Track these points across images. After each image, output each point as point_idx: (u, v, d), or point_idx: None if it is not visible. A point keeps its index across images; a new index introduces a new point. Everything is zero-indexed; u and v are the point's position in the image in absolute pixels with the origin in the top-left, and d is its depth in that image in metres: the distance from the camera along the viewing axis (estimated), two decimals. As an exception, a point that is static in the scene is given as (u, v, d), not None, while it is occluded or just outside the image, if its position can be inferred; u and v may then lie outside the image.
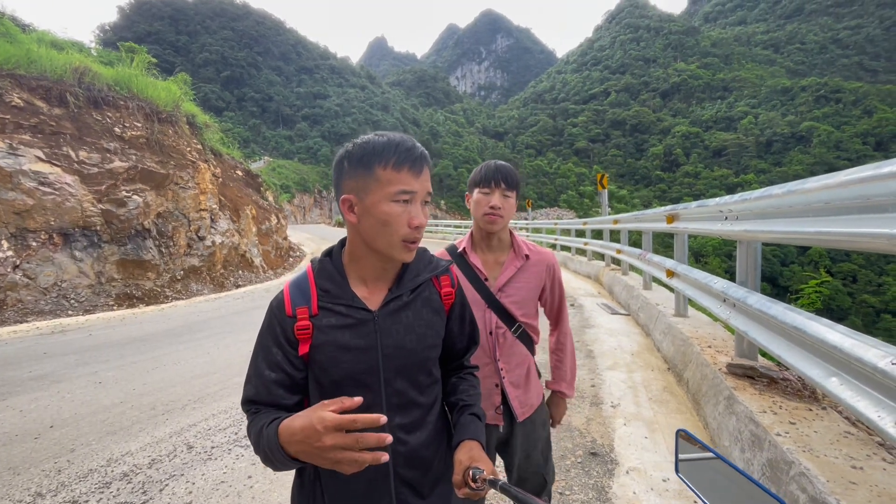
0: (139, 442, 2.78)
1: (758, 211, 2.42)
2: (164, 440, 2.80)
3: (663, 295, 5.90)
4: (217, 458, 2.58)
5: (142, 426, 3.01)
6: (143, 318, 6.77)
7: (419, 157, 0.84)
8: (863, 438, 2.03)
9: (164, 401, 3.44)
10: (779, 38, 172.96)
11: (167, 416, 3.17)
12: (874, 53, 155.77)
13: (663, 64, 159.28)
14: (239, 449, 2.69)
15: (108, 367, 4.30)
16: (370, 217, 0.83)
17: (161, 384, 3.80)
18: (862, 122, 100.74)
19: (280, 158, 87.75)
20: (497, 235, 1.43)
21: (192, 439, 2.81)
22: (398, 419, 0.89)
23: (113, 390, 3.67)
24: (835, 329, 1.66)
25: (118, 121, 8.75)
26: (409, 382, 0.90)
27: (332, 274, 0.91)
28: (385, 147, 0.83)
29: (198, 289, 9.33)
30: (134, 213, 8.36)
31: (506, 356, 1.40)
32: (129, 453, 2.65)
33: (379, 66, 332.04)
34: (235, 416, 3.16)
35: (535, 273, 1.44)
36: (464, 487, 0.82)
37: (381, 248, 0.86)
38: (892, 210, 1.33)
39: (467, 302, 1.04)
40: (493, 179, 1.38)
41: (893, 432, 1.25)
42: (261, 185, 15.75)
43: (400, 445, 0.88)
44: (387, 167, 0.82)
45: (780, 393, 2.58)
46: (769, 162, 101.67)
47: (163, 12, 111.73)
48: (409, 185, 0.83)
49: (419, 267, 0.96)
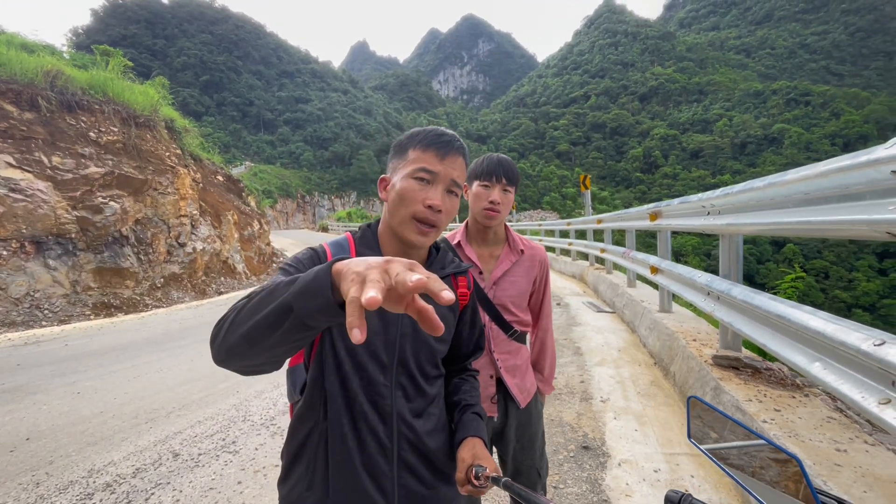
0: (122, 451, 2.69)
1: (740, 204, 2.49)
2: (149, 449, 2.72)
3: (647, 292, 6.00)
4: (204, 465, 2.51)
5: (124, 435, 2.91)
6: (122, 326, 6.58)
7: (448, 142, 0.87)
8: (845, 423, 2.09)
9: (146, 409, 3.34)
10: (750, 43, 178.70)
11: (150, 424, 3.08)
12: (840, 58, 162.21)
13: (641, 68, 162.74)
14: (227, 455, 2.62)
15: (86, 377, 4.15)
16: (393, 192, 0.87)
17: (143, 392, 3.70)
18: (830, 123, 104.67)
19: (262, 163, 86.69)
20: (493, 229, 1.43)
21: (177, 447, 2.73)
22: (404, 402, 0.89)
23: (92, 400, 3.55)
24: (817, 315, 1.71)
25: (93, 125, 8.52)
26: (418, 368, 0.91)
27: (371, 243, 0.93)
28: (421, 131, 0.89)
29: (179, 296, 9.11)
30: (111, 220, 8.13)
31: (500, 347, 1.41)
32: (111, 463, 2.56)
33: (361, 71, 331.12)
34: (222, 421, 3.09)
35: (528, 268, 1.45)
36: (467, 485, 0.82)
37: (396, 226, 0.87)
38: (870, 197, 1.38)
39: (478, 308, 1.06)
40: (494, 174, 1.36)
41: (877, 412, 1.29)
42: (242, 190, 15.51)
43: (406, 428, 0.88)
44: (416, 147, 0.87)
45: (764, 382, 2.65)
46: (744, 163, 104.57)
47: (138, 15, 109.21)
48: (432, 165, 0.85)
49: (444, 261, 0.98)
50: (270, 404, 3.41)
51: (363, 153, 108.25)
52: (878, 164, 1.29)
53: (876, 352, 1.27)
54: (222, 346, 0.67)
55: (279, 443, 2.77)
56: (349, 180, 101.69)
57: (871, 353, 1.29)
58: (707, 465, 2.33)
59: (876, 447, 1.85)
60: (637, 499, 2.08)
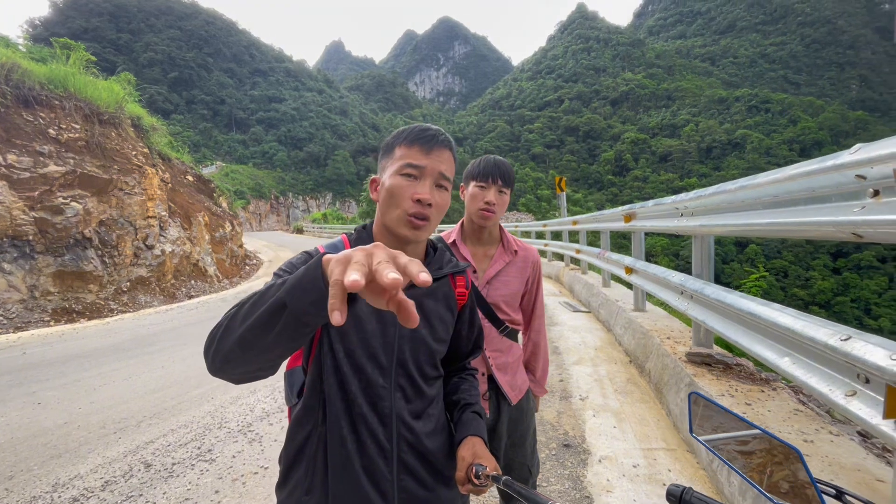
0: (89, 464, 2.57)
1: (712, 206, 2.58)
2: (118, 460, 2.60)
3: (622, 292, 6.15)
4: (179, 475, 2.42)
5: (91, 447, 2.78)
6: (86, 333, 6.27)
7: (433, 136, 0.87)
8: (811, 415, 2.20)
9: (114, 419, 3.20)
10: (714, 52, 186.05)
11: (120, 434, 2.95)
12: (797, 67, 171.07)
13: (612, 73, 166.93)
14: (203, 464, 2.54)
15: (47, 386, 3.94)
16: (383, 191, 0.88)
17: (111, 401, 3.53)
18: (788, 130, 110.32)
19: (233, 163, 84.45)
20: (488, 229, 1.46)
21: (149, 457, 2.62)
22: (404, 403, 0.88)
23: (55, 411, 3.37)
24: (786, 312, 1.79)
25: (53, 122, 8.10)
26: (417, 369, 0.90)
27: (367, 243, 0.91)
28: (406, 129, 0.90)
29: (146, 300, 8.76)
30: (72, 222, 7.74)
31: (491, 345, 1.43)
32: (78, 476, 2.43)
33: (336, 71, 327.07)
34: (197, 429, 2.99)
35: (521, 268, 1.48)
36: (467, 484, 0.82)
37: (390, 224, 0.88)
38: (835, 200, 1.46)
39: (476, 307, 1.06)
40: (490, 175, 1.39)
41: (844, 403, 1.36)
42: (213, 190, 15.07)
43: (406, 430, 0.87)
44: (401, 145, 0.88)
45: (735, 377, 2.76)
46: (709, 166, 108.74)
47: (101, 8, 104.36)
48: (418, 160, 0.85)
49: (441, 261, 0.97)
50: (247, 410, 3.32)
51: (339, 154, 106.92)
52: (843, 169, 1.37)
53: (842, 346, 1.34)
54: (216, 354, 0.66)
55: (257, 450, 2.70)
56: (325, 181, 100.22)
57: (837, 348, 1.36)
58: (683, 459, 2.41)
59: (840, 437, 1.96)
60: (618, 494, 2.13)
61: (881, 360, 1.20)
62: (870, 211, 1.31)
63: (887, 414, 1.18)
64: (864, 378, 1.31)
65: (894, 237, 1.28)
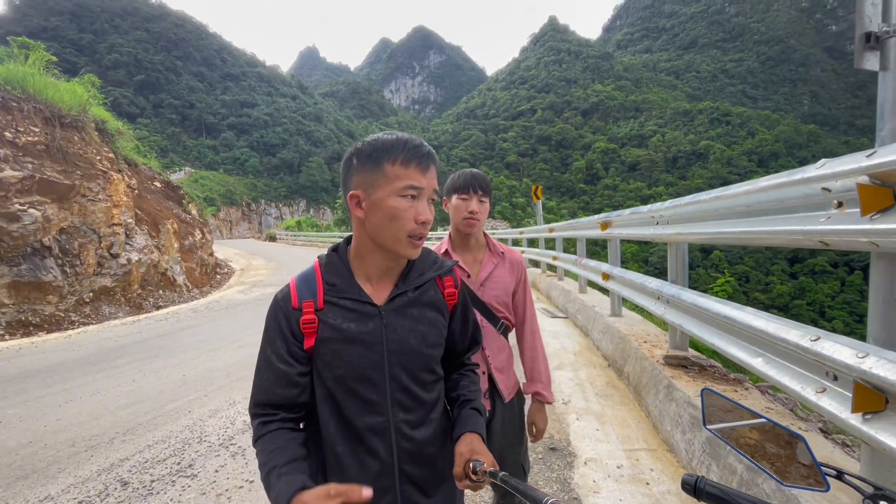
0: (60, 484, 2.44)
1: (686, 215, 2.71)
2: (92, 479, 2.48)
3: (598, 297, 6.31)
4: (159, 493, 2.33)
5: (61, 466, 2.64)
6: (46, 346, 5.95)
7: (426, 154, 0.86)
8: (781, 412, 2.33)
9: (85, 436, 3.05)
10: (678, 66, 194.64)
11: (92, 452, 2.81)
12: (754, 83, 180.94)
13: (583, 85, 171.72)
14: (184, 479, 2.45)
15: (7, 404, 3.72)
16: (378, 212, 0.84)
17: (79, 418, 3.37)
18: (747, 141, 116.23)
19: (203, 169, 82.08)
20: (474, 236, 1.54)
21: (125, 475, 2.52)
22: (402, 415, 0.89)
23: (18, 430, 3.19)
24: (759, 315, 1.90)
25: (9, 124, 7.72)
26: (412, 379, 0.91)
27: (339, 268, 0.91)
28: (394, 144, 0.85)
29: (111, 311, 8.38)
30: (30, 229, 7.36)
31: (490, 344, 1.49)
32: (48, 498, 2.31)
33: (310, 77, 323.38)
34: (176, 444, 2.89)
35: (510, 268, 1.57)
36: (464, 479, 0.83)
37: (387, 244, 0.86)
38: (802, 210, 1.57)
39: (469, 303, 1.07)
40: (470, 186, 1.48)
41: (815, 399, 1.46)
42: (183, 197, 14.61)
43: (405, 441, 0.89)
44: (395, 163, 0.84)
45: (710, 378, 2.88)
46: (675, 175, 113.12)
47: (62, 6, 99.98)
48: (417, 181, 0.84)
49: (424, 266, 0.97)
50: (228, 423, 3.23)
51: (313, 160, 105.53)
52: (810, 182, 1.48)
53: (813, 346, 1.44)
54: None
55: (241, 463, 2.64)
56: (298, 188, 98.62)
57: (808, 348, 1.46)
58: (664, 458, 2.50)
59: (808, 433, 2.08)
60: (605, 494, 2.19)
61: (848, 358, 1.29)
62: (834, 221, 1.42)
63: (855, 408, 1.28)
64: (832, 375, 1.41)
65: (857, 245, 1.39)
